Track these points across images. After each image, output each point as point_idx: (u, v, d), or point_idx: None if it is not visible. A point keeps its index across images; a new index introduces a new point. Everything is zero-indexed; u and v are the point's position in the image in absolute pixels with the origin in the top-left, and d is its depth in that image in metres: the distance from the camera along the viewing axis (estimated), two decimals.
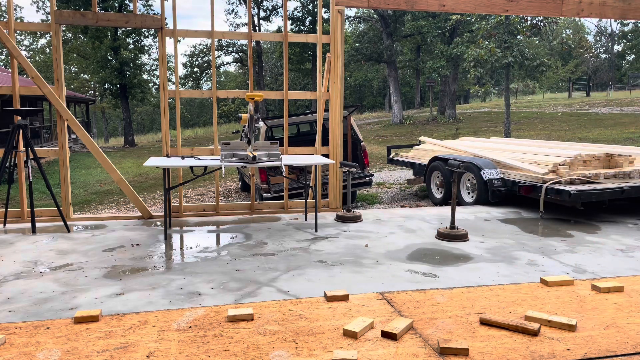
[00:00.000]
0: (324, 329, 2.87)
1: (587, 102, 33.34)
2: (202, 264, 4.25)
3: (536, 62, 18.06)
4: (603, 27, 56.95)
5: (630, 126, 20.81)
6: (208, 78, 39.24)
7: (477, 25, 19.79)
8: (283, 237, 5.15)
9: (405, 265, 4.19)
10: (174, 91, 5.96)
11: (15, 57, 5.65)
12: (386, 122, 31.40)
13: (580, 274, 3.99)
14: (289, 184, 6.61)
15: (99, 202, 10.94)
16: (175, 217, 6.09)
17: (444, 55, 27.37)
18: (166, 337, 2.78)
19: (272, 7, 36.41)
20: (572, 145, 8.08)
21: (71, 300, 3.44)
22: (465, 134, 21.52)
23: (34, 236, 5.19)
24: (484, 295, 3.40)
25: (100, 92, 39.57)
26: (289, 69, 15.08)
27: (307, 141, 7.72)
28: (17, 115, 5.57)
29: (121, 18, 5.89)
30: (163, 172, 5.19)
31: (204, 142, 26.70)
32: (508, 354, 2.58)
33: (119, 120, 52.48)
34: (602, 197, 5.85)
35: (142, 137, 38.67)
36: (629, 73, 50.43)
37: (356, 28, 39.14)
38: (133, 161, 19.51)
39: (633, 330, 2.87)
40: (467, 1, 6.18)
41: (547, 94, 52.55)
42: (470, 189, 7.26)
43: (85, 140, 5.92)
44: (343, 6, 6.07)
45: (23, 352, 2.61)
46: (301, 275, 3.96)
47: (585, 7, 6.42)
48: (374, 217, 6.18)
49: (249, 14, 6.38)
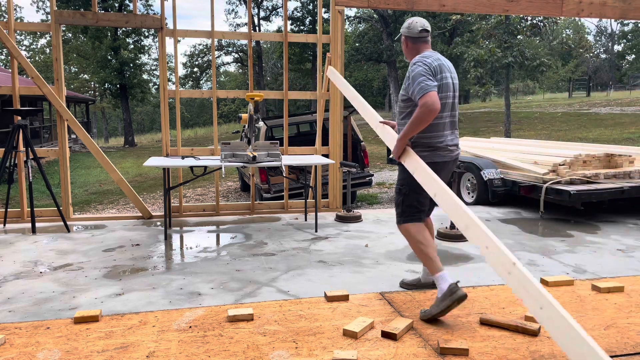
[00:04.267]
0: (324, 329, 2.87)
1: (587, 102, 33.34)
2: (202, 264, 4.25)
3: (536, 62, 18.06)
4: (603, 27, 56.97)
5: (630, 126, 20.82)
6: (208, 78, 39.25)
7: (477, 25, 19.78)
8: (283, 237, 5.15)
9: (405, 265, 4.19)
10: (174, 91, 5.96)
11: (15, 57, 5.65)
12: None
13: (581, 274, 3.99)
14: (289, 184, 6.61)
15: (99, 202, 10.94)
16: (175, 217, 6.09)
17: (444, 55, 27.36)
18: (166, 337, 2.78)
19: (272, 7, 36.44)
20: (572, 145, 8.08)
21: (71, 300, 3.44)
22: (465, 134, 21.50)
23: (34, 236, 5.19)
24: (484, 295, 3.40)
25: (100, 92, 39.58)
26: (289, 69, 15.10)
27: (307, 141, 7.71)
28: (17, 115, 5.57)
29: (121, 18, 5.89)
30: (163, 172, 5.18)
31: (204, 142, 26.70)
32: (508, 354, 2.58)
33: (119, 120, 52.49)
34: (602, 197, 5.85)
35: (142, 137, 38.67)
36: (629, 73, 50.44)
37: (356, 28, 39.13)
38: (133, 161, 19.51)
39: (633, 330, 2.87)
40: (467, 1, 6.18)
41: (547, 94, 52.55)
42: (470, 189, 7.26)
43: (85, 140, 5.92)
44: (343, 6, 6.07)
45: (23, 352, 2.61)
46: (301, 275, 3.96)
47: (585, 7, 6.42)
48: (374, 217, 6.18)
49: (249, 14, 6.38)
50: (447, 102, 3.22)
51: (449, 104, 3.24)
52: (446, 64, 3.27)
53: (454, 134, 3.35)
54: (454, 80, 3.29)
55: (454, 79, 3.30)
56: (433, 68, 3.15)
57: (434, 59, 3.21)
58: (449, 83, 3.22)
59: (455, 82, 3.31)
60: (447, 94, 3.22)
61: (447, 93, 3.22)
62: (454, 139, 3.35)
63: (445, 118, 3.24)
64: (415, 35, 3.34)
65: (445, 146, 3.26)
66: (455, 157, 3.36)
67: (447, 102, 3.22)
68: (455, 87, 3.30)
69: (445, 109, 3.22)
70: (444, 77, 3.19)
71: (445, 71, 3.21)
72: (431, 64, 3.16)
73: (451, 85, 3.25)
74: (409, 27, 3.36)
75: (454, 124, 3.35)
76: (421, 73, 3.10)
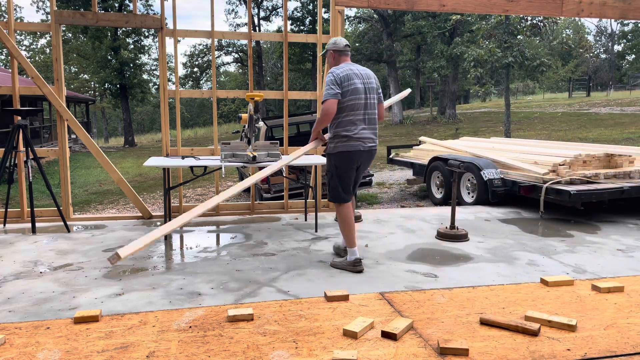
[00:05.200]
0: (324, 329, 2.87)
1: (587, 102, 33.35)
2: (202, 264, 4.25)
3: (536, 62, 18.06)
4: (603, 27, 56.98)
5: (630, 126, 20.82)
6: (208, 78, 39.24)
7: (477, 25, 19.79)
8: (283, 237, 5.15)
9: (405, 266, 4.19)
10: (174, 91, 5.96)
11: (15, 57, 5.65)
12: (386, 122, 31.40)
13: (580, 274, 3.99)
14: (289, 184, 6.61)
15: (99, 202, 10.94)
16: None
17: (444, 55, 27.37)
18: (166, 337, 2.78)
19: (272, 7, 36.44)
20: (572, 145, 8.08)
21: (71, 300, 3.44)
22: (465, 134, 21.51)
23: (34, 236, 5.19)
24: (484, 295, 3.40)
25: (100, 92, 39.60)
26: (289, 69, 15.09)
27: (307, 141, 7.70)
28: (17, 115, 5.57)
29: (121, 18, 5.89)
30: (163, 172, 5.18)
31: (204, 142, 26.70)
32: (508, 354, 2.58)
33: (119, 120, 52.49)
34: (602, 197, 5.85)
35: (142, 137, 38.68)
36: (629, 73, 50.45)
37: (356, 28, 39.11)
38: (133, 161, 19.51)
39: (633, 330, 2.87)
40: (467, 1, 6.18)
41: (547, 94, 52.56)
42: (470, 189, 7.26)
43: (85, 140, 5.92)
44: (343, 6, 6.07)
45: (23, 352, 2.61)
46: (301, 275, 3.96)
47: (585, 7, 6.42)
48: (374, 217, 6.18)
49: (249, 14, 6.38)
50: (358, 102, 3.92)
51: (361, 104, 3.93)
52: (359, 72, 3.97)
53: (370, 129, 4.01)
54: (366, 85, 3.97)
55: (368, 84, 3.98)
56: (340, 78, 3.87)
57: (343, 70, 3.93)
58: (357, 88, 3.90)
59: (368, 86, 3.98)
60: (358, 96, 3.91)
61: (358, 95, 3.91)
62: (369, 134, 4.00)
63: (359, 115, 3.94)
64: (341, 49, 4.11)
65: (358, 138, 3.93)
66: (369, 148, 4.00)
67: (358, 103, 3.92)
68: (368, 90, 3.97)
69: (358, 107, 3.92)
70: (352, 83, 3.89)
71: (354, 78, 3.91)
72: (338, 74, 3.89)
73: (362, 89, 3.93)
74: (335, 43, 4.13)
75: (371, 120, 4.01)
76: (328, 83, 3.89)
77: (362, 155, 4.00)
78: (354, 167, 4.07)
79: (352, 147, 3.93)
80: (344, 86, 3.87)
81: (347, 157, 3.96)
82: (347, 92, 3.87)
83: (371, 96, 3.99)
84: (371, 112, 4.00)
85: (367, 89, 3.97)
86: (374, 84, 4.04)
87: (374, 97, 4.02)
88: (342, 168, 4.03)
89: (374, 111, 4.04)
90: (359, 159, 4.02)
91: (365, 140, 3.96)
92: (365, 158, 4.05)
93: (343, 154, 3.96)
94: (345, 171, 4.04)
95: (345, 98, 3.87)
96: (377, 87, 4.11)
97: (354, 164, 4.03)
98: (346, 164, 4.01)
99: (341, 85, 3.86)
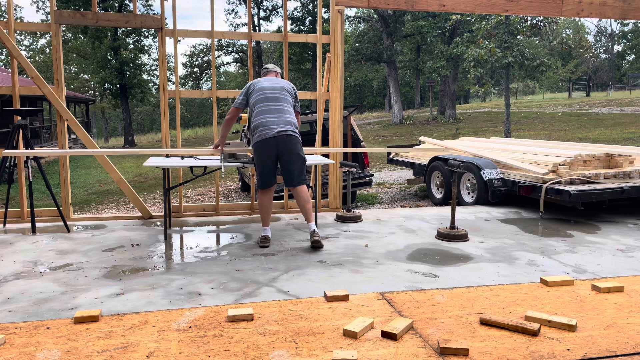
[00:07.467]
0: (324, 329, 2.87)
1: (587, 102, 33.36)
2: (202, 264, 4.25)
3: (536, 62, 18.05)
4: (603, 27, 57.00)
5: (630, 126, 20.83)
6: (208, 78, 39.23)
7: (477, 25, 19.78)
8: (283, 237, 5.15)
9: (405, 265, 4.19)
10: (174, 91, 5.96)
11: (15, 57, 5.65)
12: (386, 122, 31.42)
13: (580, 274, 3.99)
14: None
15: (99, 202, 10.94)
16: (175, 217, 6.09)
17: (444, 55, 27.37)
18: (166, 337, 2.78)
19: (272, 7, 36.42)
20: (572, 145, 8.08)
21: (71, 300, 3.43)
22: (465, 134, 21.53)
23: (34, 236, 5.19)
24: (484, 295, 3.40)
25: (100, 92, 39.56)
26: (289, 69, 15.07)
27: (307, 141, 7.72)
28: (17, 115, 5.57)
29: (121, 18, 5.89)
30: (163, 172, 5.18)
31: (204, 142, 26.71)
32: (508, 354, 2.58)
33: (119, 120, 52.49)
34: (602, 197, 5.85)
35: (142, 137, 38.68)
36: (629, 73, 50.45)
37: (356, 28, 39.13)
38: (133, 161, 19.50)
39: (633, 330, 2.87)
40: (467, 1, 6.18)
41: (547, 94, 52.57)
42: (470, 189, 7.26)
43: (85, 141, 5.92)
44: (343, 6, 6.07)
45: (23, 352, 2.61)
46: (301, 275, 3.96)
47: (585, 7, 6.42)
48: (374, 217, 6.18)
49: (249, 14, 6.38)
50: (268, 104, 4.69)
51: (271, 104, 4.69)
52: (270, 85, 4.79)
53: (282, 119, 4.64)
54: (275, 91, 4.76)
55: (275, 89, 4.76)
56: (248, 89, 4.81)
57: (255, 81, 4.84)
58: (266, 96, 4.72)
59: (276, 90, 4.76)
60: (266, 97, 4.71)
61: (266, 97, 4.71)
62: (280, 123, 4.62)
63: (270, 108, 4.67)
64: (264, 71, 5.11)
65: (268, 127, 4.59)
66: (278, 134, 4.59)
67: (268, 105, 4.69)
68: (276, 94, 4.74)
69: (269, 103, 4.69)
70: (261, 91, 4.74)
71: (264, 88, 4.76)
72: (249, 87, 4.82)
73: (269, 94, 4.73)
74: (266, 67, 5.15)
75: (281, 111, 4.68)
76: (240, 93, 4.89)
77: (273, 141, 4.59)
78: (269, 155, 4.64)
79: (264, 135, 4.59)
80: (249, 94, 4.79)
81: (260, 146, 4.63)
82: (258, 100, 4.71)
83: (280, 97, 4.75)
84: (280, 106, 4.71)
85: (276, 93, 4.76)
86: (283, 88, 4.81)
87: (285, 98, 4.78)
88: (259, 158, 4.69)
89: (285, 107, 4.73)
90: (272, 144, 4.60)
91: (274, 127, 4.59)
92: (277, 143, 4.60)
93: (257, 144, 4.65)
94: (262, 160, 4.67)
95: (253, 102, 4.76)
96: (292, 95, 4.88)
97: (269, 152, 4.63)
98: (261, 152, 4.65)
99: (246, 94, 4.81)
